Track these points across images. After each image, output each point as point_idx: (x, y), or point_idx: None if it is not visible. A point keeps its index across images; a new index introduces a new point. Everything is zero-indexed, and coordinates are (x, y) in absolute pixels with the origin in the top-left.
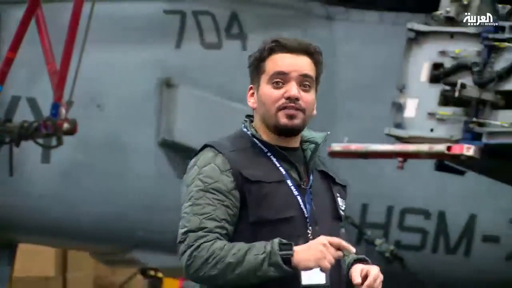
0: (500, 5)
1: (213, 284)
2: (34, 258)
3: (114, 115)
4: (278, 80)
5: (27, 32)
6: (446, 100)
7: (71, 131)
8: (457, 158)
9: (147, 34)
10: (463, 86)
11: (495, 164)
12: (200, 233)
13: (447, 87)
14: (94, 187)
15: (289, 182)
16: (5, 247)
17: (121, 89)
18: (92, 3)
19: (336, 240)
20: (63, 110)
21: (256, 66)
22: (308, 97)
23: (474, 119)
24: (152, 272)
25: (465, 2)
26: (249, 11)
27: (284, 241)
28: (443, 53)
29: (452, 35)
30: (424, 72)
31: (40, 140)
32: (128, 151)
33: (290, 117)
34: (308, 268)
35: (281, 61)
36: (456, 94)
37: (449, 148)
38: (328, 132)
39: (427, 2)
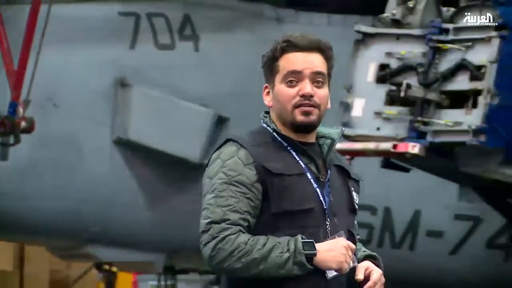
0: (444, 8)
1: (235, 276)
2: None
3: (70, 114)
4: (292, 78)
5: None
6: (392, 99)
7: (29, 130)
8: (403, 156)
9: (102, 35)
10: (408, 86)
11: (439, 162)
12: (224, 225)
13: (393, 87)
14: (51, 184)
15: (308, 175)
16: None
17: (77, 88)
18: (49, 5)
19: (352, 245)
20: (20, 109)
21: (270, 66)
22: (321, 93)
23: (419, 118)
24: (106, 266)
25: (411, 5)
26: (201, 13)
27: (306, 239)
28: (389, 54)
29: (398, 37)
30: (371, 73)
31: None
32: (84, 149)
33: (306, 113)
34: (329, 269)
35: (293, 60)
36: (402, 94)
37: (395, 146)
38: (343, 129)
39: (374, 5)
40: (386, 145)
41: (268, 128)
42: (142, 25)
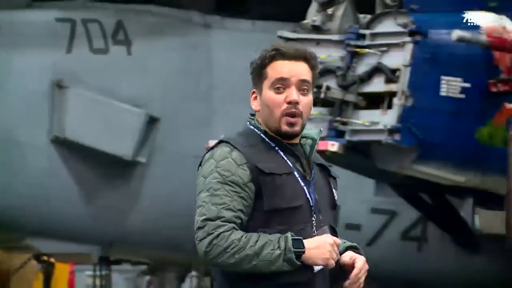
0: (361, 15)
1: (229, 270)
2: None
3: (10, 114)
4: (279, 85)
5: None
6: (313, 101)
7: None
8: (323, 153)
9: (41, 40)
10: (328, 88)
11: (357, 159)
12: (219, 222)
13: (314, 89)
14: None
15: (296, 174)
16: None
17: (16, 90)
18: None
19: (338, 240)
20: None
21: (258, 72)
22: (306, 100)
23: (338, 118)
24: (45, 258)
25: (330, 13)
26: (133, 19)
27: (295, 236)
28: None
29: (318, 42)
30: None
31: None
32: (24, 147)
33: (291, 125)
34: (316, 265)
35: (281, 68)
36: (322, 95)
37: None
38: (321, 129)
39: (296, 12)
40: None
41: (256, 130)
42: (77, 30)
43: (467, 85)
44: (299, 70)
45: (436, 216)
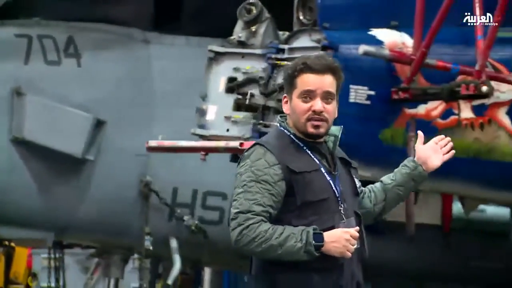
0: (280, 32)
1: (256, 257)
2: None
3: None
4: (306, 95)
5: None
6: (239, 106)
7: None
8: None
9: (2, 53)
10: (252, 95)
11: None
12: (249, 215)
13: (240, 96)
14: None
15: (322, 169)
16: None
17: None
18: None
19: (354, 233)
20: None
21: (289, 82)
22: (330, 108)
23: (261, 122)
24: (6, 242)
25: (253, 30)
26: (83, 35)
27: (317, 230)
28: (236, 69)
29: (243, 55)
30: (222, 84)
31: None
32: None
33: (316, 127)
34: (343, 255)
35: (308, 81)
36: (247, 102)
37: (241, 144)
38: (342, 126)
39: (224, 29)
40: (234, 144)
41: (286, 131)
42: (34, 45)
43: (372, 92)
44: (324, 82)
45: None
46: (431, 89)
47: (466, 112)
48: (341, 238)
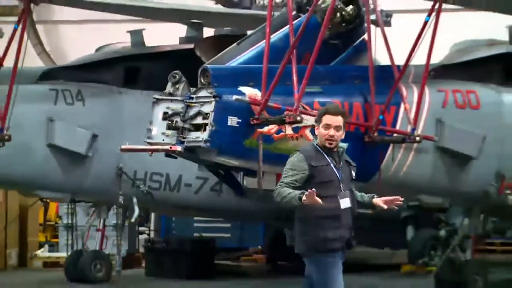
0: (192, 88)
1: (280, 205)
2: None
3: None
4: (326, 127)
5: None
6: (169, 127)
7: None
8: (174, 152)
9: (42, 99)
10: (176, 121)
11: (192, 156)
12: (282, 184)
13: (170, 122)
14: None
15: (331, 165)
16: None
17: None
18: None
19: (319, 201)
20: None
21: (318, 119)
22: (338, 134)
23: (180, 136)
24: (44, 199)
25: (177, 87)
26: (86, 89)
27: (303, 193)
28: (168, 108)
29: (171, 100)
30: (160, 116)
31: None
32: None
33: (330, 143)
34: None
35: (327, 119)
36: (173, 125)
37: (170, 147)
38: (348, 143)
39: (161, 86)
40: (166, 147)
41: (315, 145)
42: (59, 94)
43: (240, 120)
44: (336, 120)
45: (226, 179)
46: (270, 118)
47: (289, 130)
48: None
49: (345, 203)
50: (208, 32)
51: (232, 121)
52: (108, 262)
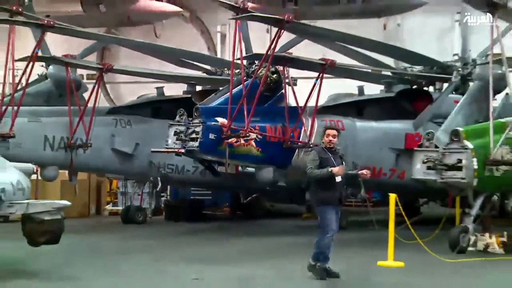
0: (189, 118)
1: (313, 179)
2: None
3: None
4: (327, 136)
5: None
6: (178, 139)
7: None
8: (180, 153)
9: None
10: (181, 136)
11: (190, 157)
12: (310, 167)
13: (178, 136)
14: None
15: (331, 157)
16: None
17: None
18: None
19: (342, 168)
20: None
21: (324, 131)
22: (334, 140)
23: (184, 144)
24: (109, 177)
25: (181, 118)
26: None
27: (330, 169)
28: (177, 128)
29: (179, 124)
30: (172, 133)
31: None
32: None
33: (330, 145)
34: (337, 175)
35: (328, 132)
36: (181, 137)
37: (178, 150)
38: (339, 148)
39: (173, 116)
40: (175, 150)
41: (322, 146)
42: None
43: (216, 135)
44: (333, 132)
45: (208, 167)
46: (232, 134)
47: (242, 141)
48: (339, 171)
49: (338, 178)
50: (198, 87)
51: (212, 136)
52: (145, 212)
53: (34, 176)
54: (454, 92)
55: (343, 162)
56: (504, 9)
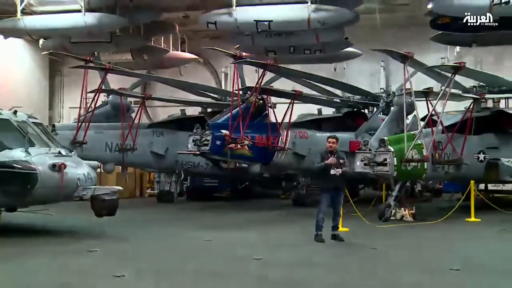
0: (203, 130)
1: (316, 171)
2: None
3: None
4: (329, 142)
5: None
6: (195, 144)
7: None
8: (197, 154)
9: None
10: (198, 143)
11: (204, 157)
12: (317, 161)
13: (195, 143)
14: None
15: (331, 157)
16: None
17: None
18: None
19: (335, 160)
20: None
21: (327, 139)
22: (334, 145)
23: (200, 148)
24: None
25: (197, 130)
26: None
27: (325, 162)
28: (195, 139)
29: (196, 134)
30: (191, 141)
31: None
32: None
33: (330, 148)
34: (329, 167)
35: (329, 140)
36: (198, 143)
37: (195, 152)
38: (342, 151)
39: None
40: (194, 151)
41: (325, 149)
42: None
43: (221, 142)
44: (333, 140)
45: (215, 164)
46: (231, 141)
47: (238, 146)
48: (332, 162)
49: (332, 171)
50: (209, 109)
51: (218, 142)
52: (172, 195)
53: (98, 170)
54: (381, 113)
55: (341, 161)
56: (411, 59)
